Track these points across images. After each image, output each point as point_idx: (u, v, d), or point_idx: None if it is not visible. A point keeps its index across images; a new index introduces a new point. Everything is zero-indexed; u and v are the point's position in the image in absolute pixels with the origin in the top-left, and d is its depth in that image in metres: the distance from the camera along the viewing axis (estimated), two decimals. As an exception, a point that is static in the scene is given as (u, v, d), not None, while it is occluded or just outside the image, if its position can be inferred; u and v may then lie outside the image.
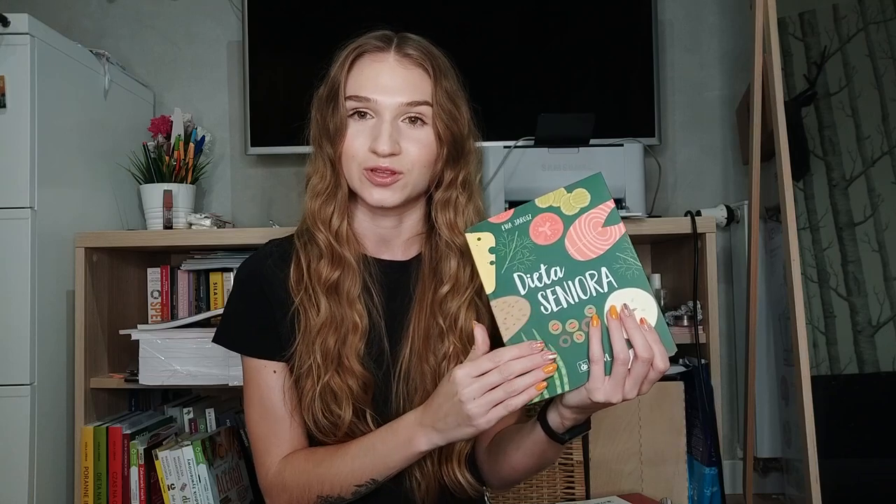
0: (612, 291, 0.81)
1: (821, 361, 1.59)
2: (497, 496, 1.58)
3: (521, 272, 0.82)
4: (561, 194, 0.84)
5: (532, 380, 0.79)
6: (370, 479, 0.91)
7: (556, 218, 0.83)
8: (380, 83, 0.93)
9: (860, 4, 1.70)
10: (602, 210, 0.83)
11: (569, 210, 0.83)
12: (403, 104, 0.93)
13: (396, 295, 1.00)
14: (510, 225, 0.83)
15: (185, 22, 2.17)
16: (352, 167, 0.95)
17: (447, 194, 0.99)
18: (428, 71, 0.94)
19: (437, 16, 1.99)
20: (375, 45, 0.95)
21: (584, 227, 0.82)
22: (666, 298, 1.81)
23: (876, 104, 1.66)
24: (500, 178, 1.67)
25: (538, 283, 0.82)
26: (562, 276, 0.81)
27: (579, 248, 0.82)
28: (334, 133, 0.95)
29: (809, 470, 1.45)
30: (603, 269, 0.81)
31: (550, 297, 0.81)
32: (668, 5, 2.10)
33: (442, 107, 0.94)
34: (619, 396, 0.79)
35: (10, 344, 1.50)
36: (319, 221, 0.97)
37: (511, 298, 0.82)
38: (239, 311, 1.01)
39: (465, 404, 0.80)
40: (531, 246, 0.82)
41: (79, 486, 1.62)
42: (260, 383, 0.98)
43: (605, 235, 0.82)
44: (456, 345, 0.96)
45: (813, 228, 1.64)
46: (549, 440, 0.89)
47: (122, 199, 1.90)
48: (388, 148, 0.91)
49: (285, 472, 0.96)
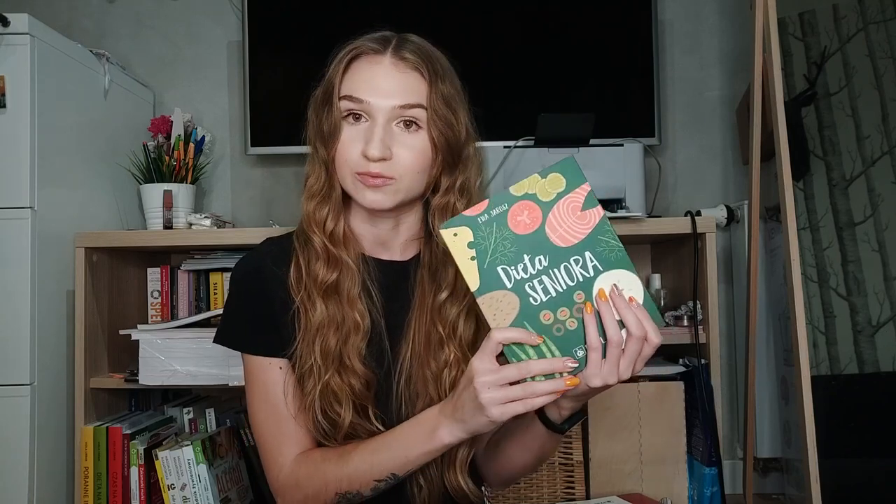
0: (598, 275, 0.80)
1: (821, 361, 1.59)
2: (497, 496, 1.58)
3: (504, 265, 0.80)
4: (535, 181, 0.81)
5: (553, 386, 0.79)
6: (391, 475, 0.91)
7: (533, 205, 0.81)
8: (374, 85, 0.92)
9: (860, 4, 1.70)
10: (579, 194, 0.81)
11: (545, 196, 0.81)
12: (397, 107, 0.92)
13: (395, 295, 1.00)
14: (487, 217, 0.80)
15: (185, 22, 2.17)
16: (344, 170, 0.94)
17: (444, 200, 0.97)
18: (423, 74, 0.93)
19: (438, 16, 1.99)
20: (372, 48, 0.94)
21: (563, 212, 0.81)
22: (666, 298, 1.81)
23: (876, 104, 1.66)
24: (499, 178, 1.67)
25: (524, 275, 0.80)
26: (546, 264, 0.80)
27: (560, 234, 0.80)
28: (328, 135, 0.94)
29: (809, 470, 1.45)
30: (587, 254, 0.80)
31: (538, 287, 0.80)
32: (668, 5, 2.10)
33: (436, 111, 0.93)
34: (615, 378, 0.79)
35: (10, 344, 1.50)
36: (314, 224, 0.97)
37: (498, 293, 0.80)
38: (239, 309, 1.01)
39: (479, 392, 0.79)
40: (511, 236, 0.80)
41: (79, 486, 1.62)
42: (266, 381, 0.98)
43: (585, 219, 0.81)
44: (456, 353, 0.95)
45: (813, 228, 1.64)
46: (548, 432, 0.90)
47: (122, 199, 1.90)
48: (378, 153, 0.90)
49: (300, 471, 0.95)
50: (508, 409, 0.79)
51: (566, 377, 0.79)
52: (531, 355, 0.80)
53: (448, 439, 0.87)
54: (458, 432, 0.86)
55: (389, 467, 0.90)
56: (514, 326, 0.80)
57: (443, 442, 0.87)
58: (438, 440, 0.87)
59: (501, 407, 0.79)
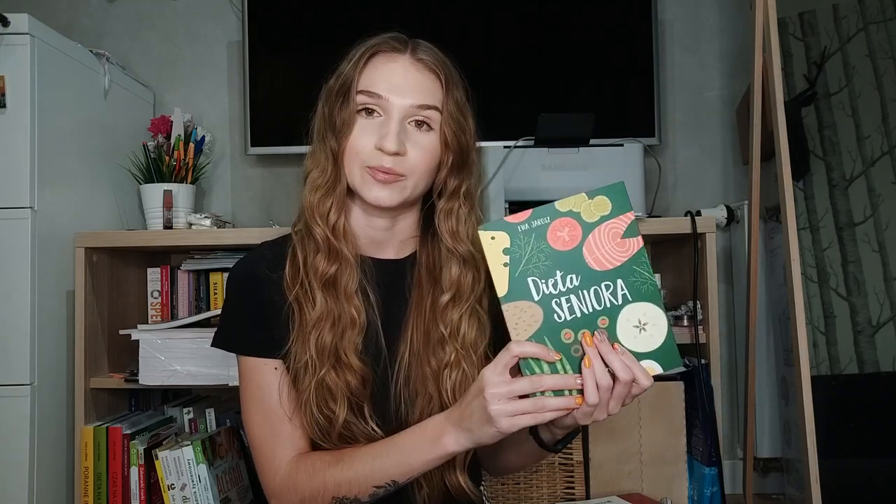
0: (626, 304, 0.80)
1: (821, 361, 1.59)
2: (497, 497, 1.58)
3: (535, 277, 0.80)
4: (582, 199, 0.81)
5: (563, 403, 0.80)
6: (390, 481, 0.90)
7: (575, 224, 0.81)
8: (393, 82, 0.94)
9: (860, 4, 1.70)
10: (622, 221, 0.81)
11: (589, 217, 0.81)
12: (414, 106, 0.94)
13: (392, 293, 1.00)
14: (527, 226, 0.81)
15: (185, 22, 2.17)
16: (354, 163, 0.95)
17: (451, 204, 0.99)
18: (440, 78, 0.96)
19: (438, 16, 1.99)
20: (392, 46, 0.96)
21: (603, 236, 0.81)
22: (666, 298, 1.81)
23: (876, 104, 1.66)
24: (500, 178, 1.67)
25: (553, 290, 0.80)
26: (577, 284, 0.80)
27: (597, 257, 0.81)
28: (341, 127, 0.95)
29: (809, 470, 1.45)
30: (619, 282, 0.80)
31: (564, 304, 0.80)
32: (668, 5, 2.10)
33: (451, 114, 0.95)
34: (604, 415, 0.81)
35: (10, 344, 1.50)
36: (318, 215, 0.96)
37: (524, 303, 0.80)
38: (233, 312, 1.01)
39: (489, 404, 0.80)
40: (548, 250, 0.80)
41: (79, 486, 1.62)
42: (260, 383, 0.98)
43: (624, 247, 0.81)
44: (458, 352, 0.95)
45: (813, 228, 1.64)
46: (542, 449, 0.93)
47: (122, 199, 1.90)
48: (394, 147, 0.91)
49: (298, 474, 0.94)
50: (517, 421, 0.80)
51: (576, 395, 0.80)
52: (545, 370, 0.80)
53: (453, 448, 0.87)
54: (464, 441, 0.86)
55: (390, 474, 0.90)
56: (534, 339, 0.80)
57: (447, 450, 0.87)
58: (442, 448, 0.87)
59: (510, 419, 0.80)
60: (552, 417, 0.81)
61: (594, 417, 0.81)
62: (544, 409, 0.79)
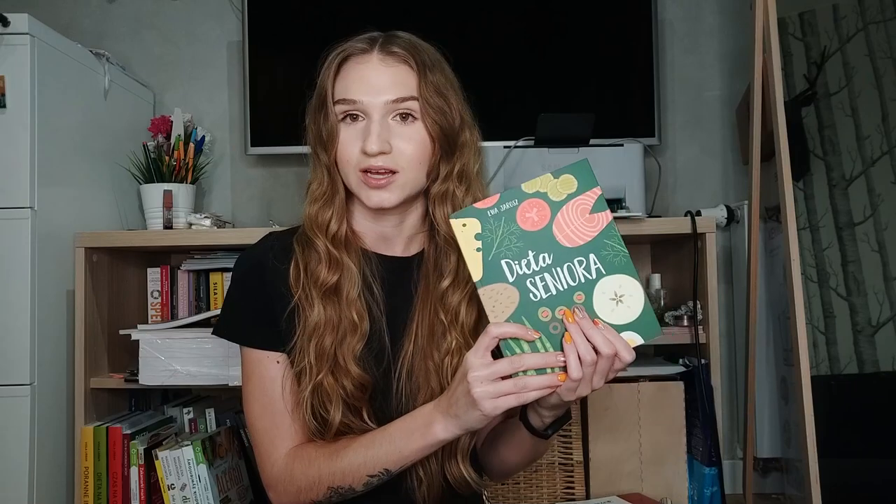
0: (600, 278, 0.81)
1: (821, 361, 1.59)
2: (497, 496, 1.58)
3: (508, 259, 0.81)
4: (548, 180, 0.83)
5: (546, 381, 0.80)
6: (383, 469, 0.91)
7: (543, 204, 0.82)
8: (365, 84, 0.94)
9: (860, 4, 1.70)
10: (589, 196, 0.82)
11: (556, 196, 0.82)
12: (390, 101, 0.93)
13: (397, 291, 1.00)
14: (496, 210, 0.82)
15: (185, 22, 2.17)
16: (348, 171, 0.95)
17: (443, 187, 0.98)
18: (412, 66, 0.95)
19: (437, 16, 1.99)
20: (359, 48, 0.96)
21: (571, 213, 0.82)
22: (666, 298, 1.81)
23: (876, 104, 1.66)
24: (500, 178, 1.67)
25: (526, 270, 0.81)
26: (550, 262, 0.81)
27: (567, 234, 0.82)
28: (327, 139, 0.96)
29: (809, 470, 1.45)
30: (591, 256, 0.82)
31: (539, 283, 0.81)
32: (668, 5, 2.10)
33: (428, 101, 0.94)
34: (588, 390, 0.82)
35: (10, 344, 1.50)
36: (317, 227, 0.97)
37: (499, 286, 0.81)
38: (239, 302, 1.01)
39: (472, 387, 0.80)
40: (518, 232, 0.82)
41: (79, 486, 1.62)
42: (263, 375, 0.98)
43: (593, 222, 0.82)
44: (458, 339, 0.96)
45: (813, 228, 1.64)
46: (534, 437, 0.93)
47: (122, 199, 1.90)
48: (376, 147, 0.91)
49: (294, 465, 0.96)
50: (501, 402, 0.81)
51: (558, 372, 0.80)
52: (525, 350, 0.81)
53: (442, 435, 0.87)
54: (452, 427, 0.87)
55: (383, 462, 0.91)
56: (512, 320, 0.81)
57: (437, 437, 0.88)
58: (433, 436, 0.88)
59: (494, 401, 0.81)
60: (536, 397, 0.81)
61: (578, 393, 0.82)
62: (526, 388, 0.80)
